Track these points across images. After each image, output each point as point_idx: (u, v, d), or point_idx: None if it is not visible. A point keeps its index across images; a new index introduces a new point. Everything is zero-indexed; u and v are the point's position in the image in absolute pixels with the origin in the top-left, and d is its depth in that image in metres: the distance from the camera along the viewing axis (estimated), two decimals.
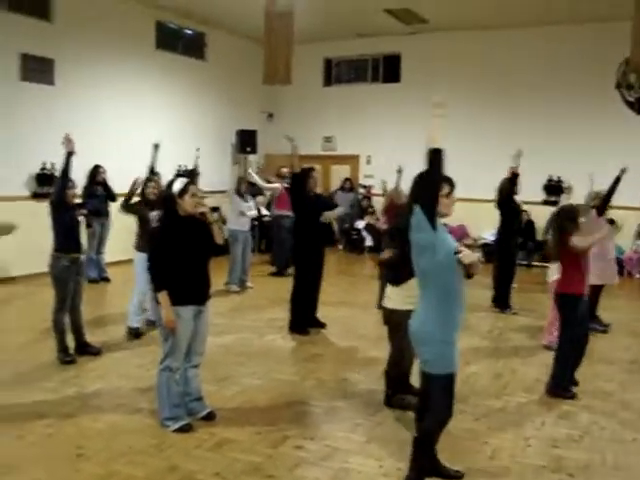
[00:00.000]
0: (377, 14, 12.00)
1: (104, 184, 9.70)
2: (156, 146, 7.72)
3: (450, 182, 3.67)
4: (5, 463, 3.97)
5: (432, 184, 3.44)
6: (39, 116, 10.06)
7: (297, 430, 4.54)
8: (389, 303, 4.86)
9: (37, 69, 10.13)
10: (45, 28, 10.23)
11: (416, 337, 3.63)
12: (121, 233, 9.56)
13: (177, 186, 4.41)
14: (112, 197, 9.63)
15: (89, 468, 3.93)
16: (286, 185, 9.75)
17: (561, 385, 5.35)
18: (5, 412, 4.73)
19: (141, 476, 3.85)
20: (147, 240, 6.47)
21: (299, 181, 7.10)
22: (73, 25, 10.53)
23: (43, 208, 6.24)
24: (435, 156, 3.38)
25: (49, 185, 9.89)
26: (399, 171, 7.83)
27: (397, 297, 4.75)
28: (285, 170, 10.56)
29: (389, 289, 4.88)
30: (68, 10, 10.45)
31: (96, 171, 9.68)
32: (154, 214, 6.46)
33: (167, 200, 4.46)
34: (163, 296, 4.30)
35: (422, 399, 3.86)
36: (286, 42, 8.68)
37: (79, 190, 8.30)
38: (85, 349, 6.12)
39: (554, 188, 12.14)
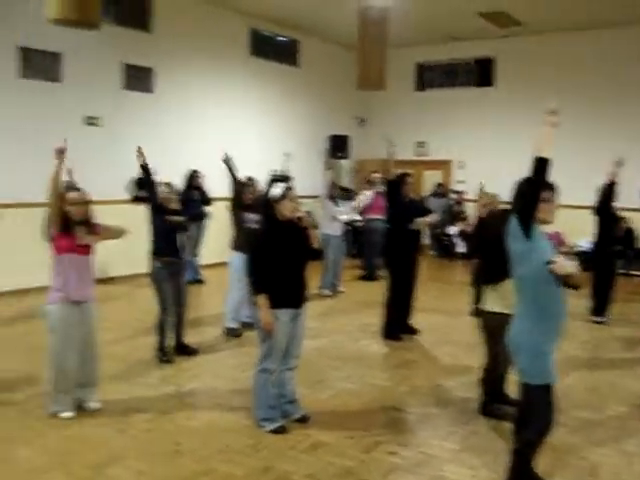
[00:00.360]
0: (470, 17, 11.84)
1: (200, 189, 9.93)
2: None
3: (551, 187, 3.54)
4: (110, 454, 4.13)
5: (532, 193, 3.35)
6: (139, 122, 10.45)
7: (390, 436, 4.51)
8: (485, 306, 4.78)
9: (137, 77, 10.54)
10: (145, 38, 10.62)
11: (512, 345, 3.55)
12: (215, 236, 9.82)
13: (276, 191, 4.45)
14: (207, 201, 9.88)
15: (187, 464, 4.02)
16: (379, 190, 9.76)
17: None
18: (108, 406, 4.89)
19: (238, 475, 3.90)
20: (243, 241, 6.67)
21: (394, 187, 7.08)
22: (170, 35, 10.90)
23: (141, 211, 6.46)
24: (541, 165, 3.29)
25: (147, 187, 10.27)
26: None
27: (493, 300, 4.67)
28: (376, 176, 10.56)
29: (486, 292, 4.80)
30: (166, 20, 10.82)
31: (193, 176, 9.90)
32: (250, 216, 6.60)
33: (266, 204, 4.52)
34: (262, 299, 4.36)
35: (520, 410, 3.76)
36: (380, 47, 8.68)
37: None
38: (183, 349, 6.28)
39: None
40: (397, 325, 7.06)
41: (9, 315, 7.72)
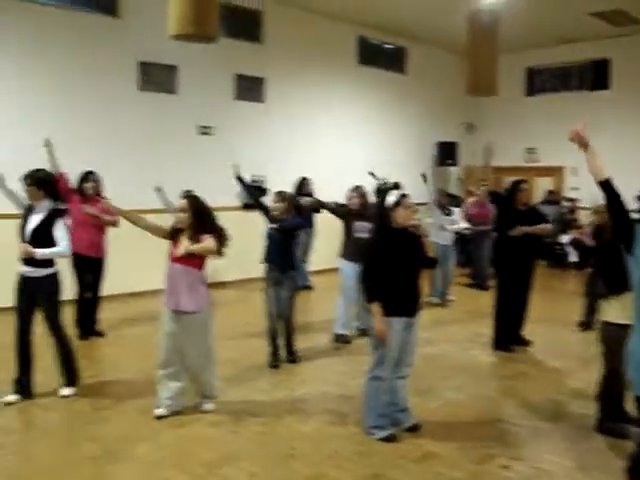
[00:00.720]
0: (583, 18, 11.42)
1: (310, 196, 10.02)
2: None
3: None
4: (223, 454, 4.26)
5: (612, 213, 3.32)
6: (249, 131, 10.73)
7: (502, 449, 4.42)
8: (606, 317, 4.60)
9: (249, 88, 10.83)
10: (256, 50, 10.90)
11: (628, 358, 3.40)
12: (324, 242, 9.94)
13: (391, 198, 4.46)
14: (317, 209, 9.98)
15: (299, 468, 4.08)
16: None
17: None
18: (223, 408, 5.05)
19: None
20: (353, 249, 6.73)
21: (501, 196, 6.95)
22: (281, 45, 11.13)
23: (252, 218, 6.63)
24: (607, 188, 3.33)
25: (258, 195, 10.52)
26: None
27: (615, 311, 4.48)
28: (484, 184, 10.45)
29: (606, 302, 4.62)
30: (276, 31, 11.06)
31: (302, 183, 10.03)
32: (361, 224, 6.63)
33: (380, 212, 4.53)
34: (375, 307, 4.37)
35: None
36: (491, 52, 8.53)
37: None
38: (289, 356, 6.38)
39: None
40: (508, 336, 6.89)
41: (128, 316, 8.10)
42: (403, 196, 4.49)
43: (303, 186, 9.99)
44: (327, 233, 9.60)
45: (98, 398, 5.26)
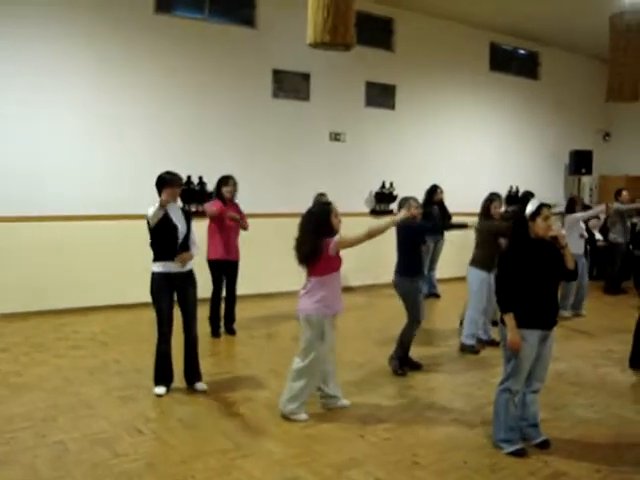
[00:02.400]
0: None
1: (441, 204, 9.93)
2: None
3: None
4: (350, 457, 4.29)
5: None
6: (380, 138, 10.79)
7: None
8: None
9: (380, 95, 10.89)
10: (387, 56, 10.95)
11: None
12: (452, 251, 9.83)
13: (530, 208, 4.36)
14: (448, 217, 9.81)
15: (424, 477, 4.04)
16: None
17: None
18: (348, 411, 5.11)
19: None
20: (482, 258, 6.66)
21: None
22: (412, 52, 11.17)
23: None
24: None
25: (386, 202, 10.58)
26: None
27: None
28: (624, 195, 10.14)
29: None
30: (408, 39, 11.09)
31: (434, 191, 9.90)
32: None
33: (519, 222, 4.45)
34: (509, 318, 4.29)
35: None
36: (634, 57, 8.14)
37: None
38: (406, 362, 6.30)
39: None
40: None
41: (260, 316, 8.36)
42: (543, 206, 4.37)
43: (434, 194, 9.88)
44: (456, 242, 9.52)
45: (230, 394, 5.46)
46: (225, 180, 7.25)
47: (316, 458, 4.27)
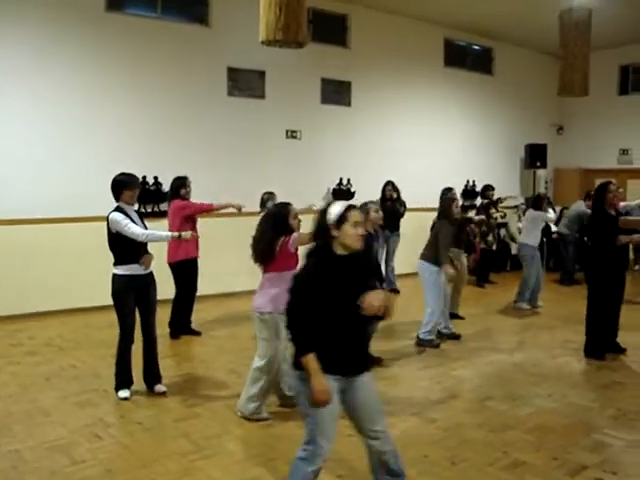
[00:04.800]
0: None
1: (395, 200, 9.97)
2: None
3: None
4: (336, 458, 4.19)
5: None
6: (336, 135, 10.81)
7: (597, 461, 4.25)
8: None
9: (335, 92, 10.90)
10: (343, 54, 10.98)
11: None
12: (408, 246, 9.89)
13: (334, 211, 3.24)
14: (401, 213, 9.94)
15: None
16: None
17: None
18: None
19: None
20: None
21: (597, 197, 6.71)
22: (367, 48, 11.20)
23: None
24: None
25: (344, 199, 10.56)
26: None
27: None
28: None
29: None
30: (362, 35, 11.13)
31: (386, 188, 9.99)
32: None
33: (317, 232, 3.38)
34: (310, 360, 3.13)
35: None
36: (583, 52, 8.30)
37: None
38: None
39: None
40: (601, 343, 6.67)
41: (219, 316, 8.31)
42: (351, 208, 3.28)
43: (387, 190, 9.93)
44: (411, 236, 9.57)
45: (189, 395, 5.41)
46: (183, 181, 7.19)
47: (277, 457, 4.25)
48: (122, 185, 5.23)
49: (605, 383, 5.89)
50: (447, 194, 8.41)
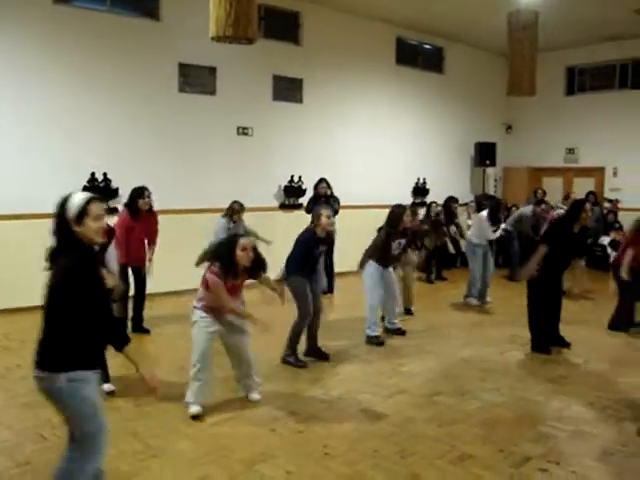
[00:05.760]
0: (625, 16, 11.26)
1: (329, 197, 9.60)
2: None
3: None
4: (261, 452, 4.29)
5: None
6: (288, 132, 10.80)
7: (541, 452, 4.36)
8: None
9: (287, 89, 10.89)
10: (295, 51, 10.97)
11: None
12: (350, 244, 9.91)
13: (73, 204, 3.02)
14: (335, 211, 9.44)
15: (335, 467, 4.09)
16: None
17: None
18: (261, 407, 5.13)
19: None
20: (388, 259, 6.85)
21: (571, 212, 6.82)
22: (319, 46, 11.22)
23: (289, 218, 6.66)
24: None
25: (296, 196, 10.57)
26: None
27: None
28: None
29: None
30: (315, 32, 11.14)
31: (319, 185, 9.63)
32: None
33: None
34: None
35: None
36: (531, 52, 8.47)
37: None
38: (316, 354, 6.43)
39: None
40: (546, 337, 6.83)
41: (169, 314, 8.23)
42: (93, 200, 3.08)
43: (320, 187, 9.61)
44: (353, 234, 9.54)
45: (139, 395, 5.34)
46: (141, 192, 7.07)
47: (227, 455, 4.25)
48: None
49: (550, 377, 6.03)
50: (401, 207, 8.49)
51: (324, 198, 9.47)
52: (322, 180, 9.66)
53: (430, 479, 3.96)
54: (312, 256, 6.19)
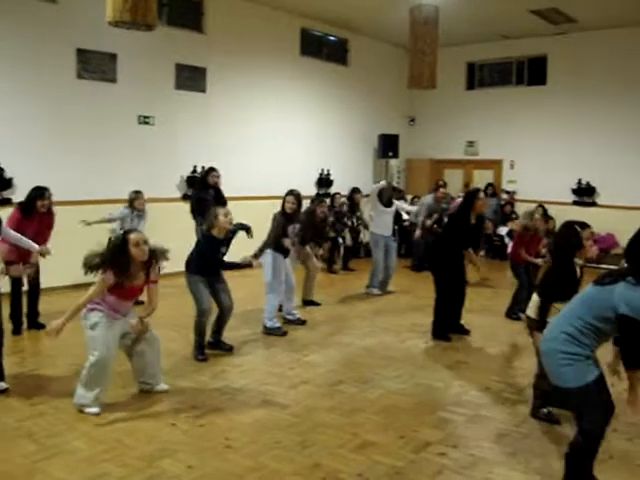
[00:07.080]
0: (522, 15, 11.66)
1: (216, 187, 9.25)
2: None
3: None
4: (161, 447, 4.21)
5: None
6: (191, 121, 10.61)
7: (440, 437, 4.49)
8: (532, 312, 4.68)
9: (190, 78, 10.68)
10: (198, 39, 10.77)
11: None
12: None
13: None
14: (223, 202, 8.83)
15: (237, 459, 4.07)
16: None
17: None
18: (162, 401, 5.03)
19: (287, 471, 3.94)
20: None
21: (465, 202, 7.02)
22: (223, 35, 11.04)
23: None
24: None
25: (200, 187, 10.38)
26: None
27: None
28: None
29: (534, 298, 4.71)
30: (219, 21, 10.96)
31: (208, 174, 9.28)
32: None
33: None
34: None
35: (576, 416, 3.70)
36: (431, 46, 8.66)
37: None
38: (218, 346, 6.39)
39: None
40: (447, 325, 7.03)
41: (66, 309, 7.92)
42: None
43: (209, 177, 9.24)
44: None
45: (34, 393, 5.14)
46: (41, 193, 6.70)
47: (125, 451, 4.14)
48: None
49: (450, 363, 6.20)
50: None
51: (213, 189, 9.13)
52: (213, 169, 9.25)
53: (332, 468, 3.99)
54: (213, 259, 6.12)
